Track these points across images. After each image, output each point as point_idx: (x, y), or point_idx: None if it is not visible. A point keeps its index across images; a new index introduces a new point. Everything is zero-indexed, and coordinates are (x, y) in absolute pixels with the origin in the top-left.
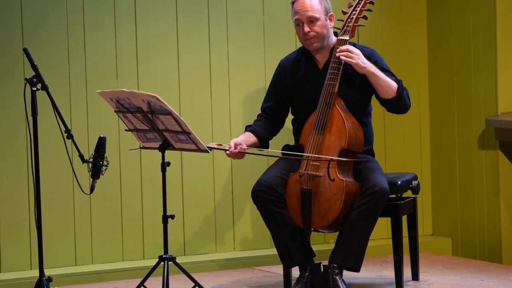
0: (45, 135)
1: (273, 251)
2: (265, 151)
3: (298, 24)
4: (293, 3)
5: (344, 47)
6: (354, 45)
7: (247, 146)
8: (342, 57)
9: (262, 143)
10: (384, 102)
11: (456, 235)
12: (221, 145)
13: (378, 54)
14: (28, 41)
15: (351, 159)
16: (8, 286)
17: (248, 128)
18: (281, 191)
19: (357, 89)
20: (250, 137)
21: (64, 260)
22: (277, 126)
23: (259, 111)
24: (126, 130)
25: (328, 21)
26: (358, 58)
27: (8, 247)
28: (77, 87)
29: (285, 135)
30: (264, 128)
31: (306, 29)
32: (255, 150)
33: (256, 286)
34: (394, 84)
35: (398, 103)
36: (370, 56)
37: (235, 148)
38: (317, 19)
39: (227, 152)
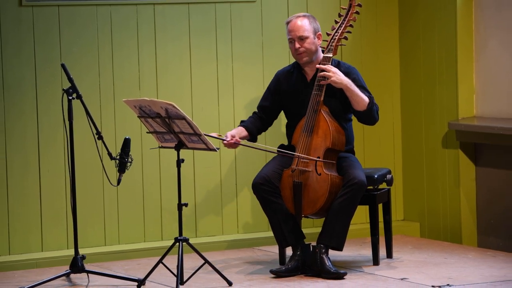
0: (80, 136)
1: (270, 233)
2: (255, 145)
3: (291, 41)
4: (287, 23)
5: (322, 68)
6: (338, 62)
7: (240, 138)
8: (321, 73)
9: (252, 137)
10: (356, 113)
11: (424, 220)
12: (220, 135)
13: (357, 72)
14: (65, 58)
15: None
16: (48, 263)
17: (241, 124)
18: (277, 184)
19: (339, 99)
20: (242, 131)
21: (95, 241)
22: (266, 124)
23: None
24: (147, 132)
25: (317, 39)
26: (334, 75)
27: (49, 230)
28: (106, 96)
29: (281, 136)
30: (255, 125)
31: (297, 45)
32: (248, 143)
33: (256, 263)
34: (366, 99)
35: (368, 116)
36: (349, 73)
37: (231, 139)
38: (306, 37)
39: (224, 142)
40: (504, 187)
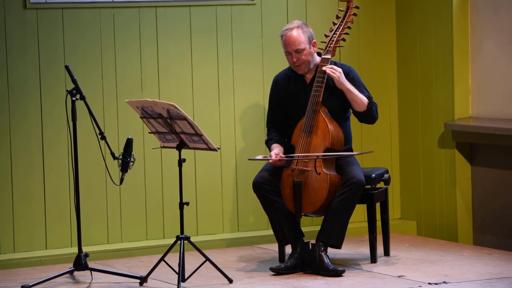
0: (83, 136)
1: (270, 232)
2: (295, 156)
3: (288, 54)
4: (282, 36)
5: (330, 65)
6: (335, 63)
7: (282, 154)
8: (328, 71)
9: (285, 147)
10: (356, 114)
11: (420, 219)
12: (266, 157)
13: (355, 72)
14: (68, 59)
15: (335, 155)
16: (52, 261)
17: (271, 141)
18: (277, 183)
19: (337, 99)
20: (279, 147)
21: (98, 239)
22: (285, 131)
23: (258, 116)
24: (149, 132)
25: (312, 47)
26: (340, 76)
27: (53, 228)
28: (109, 97)
29: None
30: (280, 136)
31: (294, 59)
32: (290, 156)
33: (256, 260)
34: (365, 100)
35: (368, 116)
36: (348, 72)
37: (276, 157)
38: (303, 49)
39: (270, 161)
40: (499, 186)
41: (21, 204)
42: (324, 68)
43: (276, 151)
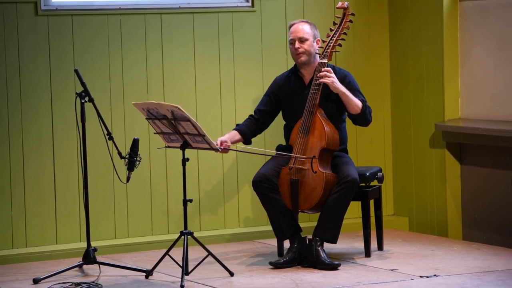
0: (91, 137)
1: (269, 227)
2: (247, 149)
3: (292, 42)
4: (290, 26)
5: (323, 71)
6: (333, 67)
7: (232, 142)
8: (321, 79)
9: (246, 140)
10: (351, 116)
11: (412, 215)
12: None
13: (351, 76)
14: (78, 64)
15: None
16: (62, 255)
17: (236, 127)
18: (275, 181)
19: (333, 102)
20: (235, 135)
21: (106, 234)
22: (263, 127)
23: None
24: (154, 133)
25: (315, 43)
26: (333, 80)
27: (63, 224)
28: (116, 99)
29: (280, 136)
30: (250, 128)
31: (297, 45)
32: (240, 149)
33: (256, 255)
34: (359, 103)
35: (361, 118)
36: (344, 77)
37: (221, 145)
38: (306, 39)
39: (219, 150)
40: (487, 185)
41: (32, 201)
42: (319, 75)
43: (225, 137)
